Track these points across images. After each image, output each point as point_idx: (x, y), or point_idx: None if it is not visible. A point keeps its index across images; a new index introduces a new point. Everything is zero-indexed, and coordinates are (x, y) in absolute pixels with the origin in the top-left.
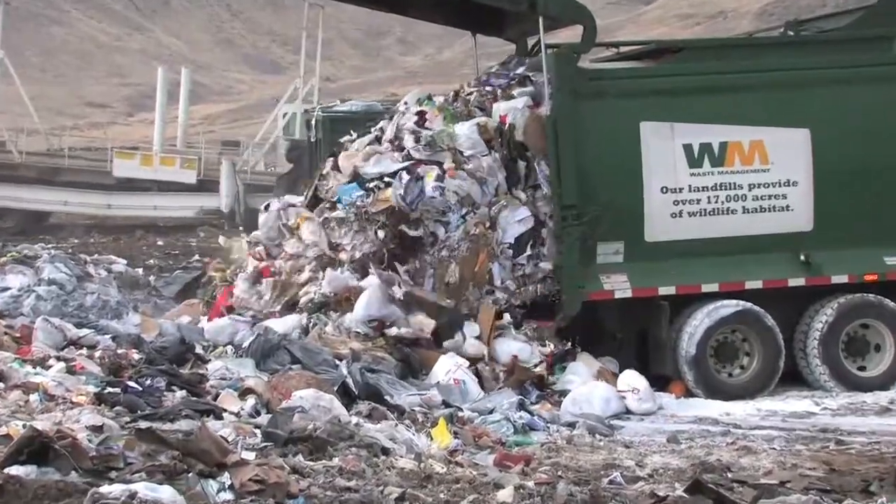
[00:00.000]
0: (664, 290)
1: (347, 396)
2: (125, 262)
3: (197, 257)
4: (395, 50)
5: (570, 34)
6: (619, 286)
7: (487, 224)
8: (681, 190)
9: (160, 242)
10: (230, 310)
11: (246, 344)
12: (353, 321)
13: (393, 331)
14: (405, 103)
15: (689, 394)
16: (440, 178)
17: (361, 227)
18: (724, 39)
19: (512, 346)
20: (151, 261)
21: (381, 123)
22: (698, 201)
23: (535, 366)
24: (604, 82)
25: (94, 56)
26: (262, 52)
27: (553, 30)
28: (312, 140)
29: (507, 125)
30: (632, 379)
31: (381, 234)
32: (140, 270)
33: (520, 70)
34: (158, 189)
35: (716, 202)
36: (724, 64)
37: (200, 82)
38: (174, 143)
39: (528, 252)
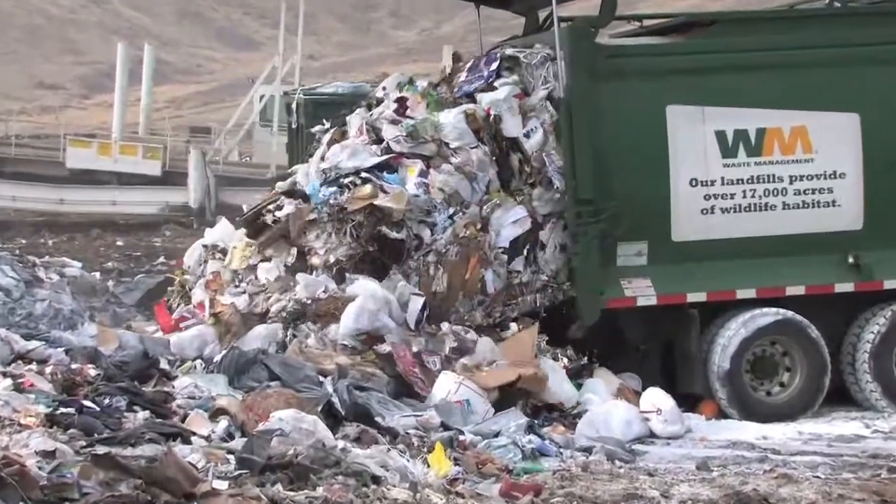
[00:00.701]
0: (693, 297)
1: (333, 418)
2: (80, 264)
3: (162, 259)
4: (386, 24)
5: (586, 6)
6: (643, 292)
7: (479, 225)
8: (712, 183)
9: (120, 243)
10: (179, 322)
11: (217, 358)
12: (341, 334)
13: (385, 346)
14: (384, 88)
15: (721, 414)
16: (424, 174)
17: (336, 229)
18: (761, 11)
19: (565, 388)
20: (110, 263)
21: (359, 111)
22: (732, 196)
23: (573, 408)
24: (625, 60)
25: (45, 31)
26: (236, 26)
27: (566, 1)
28: (293, 127)
29: (491, 117)
30: (656, 398)
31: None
32: (97, 274)
33: (493, 66)
34: (118, 182)
35: (752, 197)
36: (762, 39)
37: (165, 60)
38: (136, 130)
39: (525, 256)
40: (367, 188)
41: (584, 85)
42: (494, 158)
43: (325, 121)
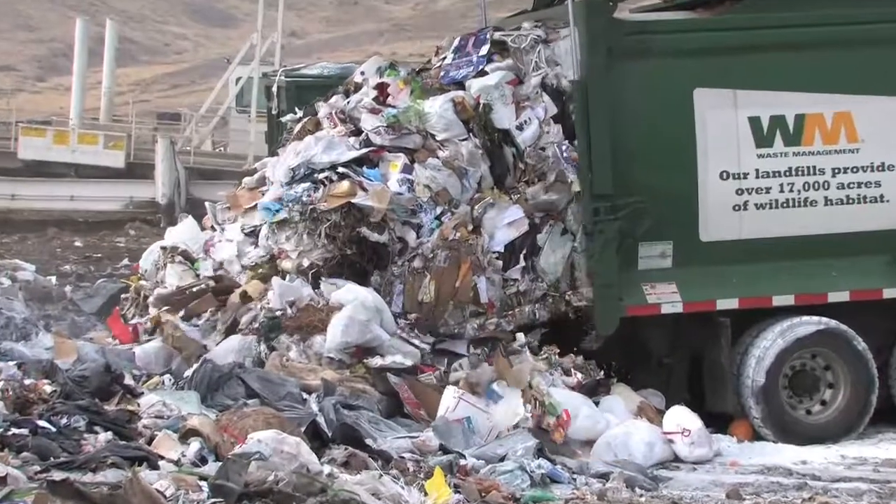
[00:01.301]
0: (724, 304)
1: (318, 439)
2: (34, 267)
3: (126, 262)
4: None
5: None
6: (667, 298)
7: (470, 227)
8: (746, 175)
9: (79, 243)
10: (137, 332)
11: (188, 373)
12: (327, 348)
13: (376, 360)
14: (362, 73)
15: (755, 436)
16: (408, 169)
17: (309, 229)
18: None
19: (600, 422)
20: (68, 266)
21: (335, 98)
22: (768, 190)
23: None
24: (647, 38)
25: None
26: (209, 0)
27: None
28: (273, 113)
29: (481, 106)
30: (682, 417)
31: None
32: (53, 279)
33: (484, 50)
34: (76, 175)
35: (790, 191)
36: (802, 14)
37: (130, 38)
38: (97, 117)
39: (522, 263)
40: (345, 185)
41: (601, 66)
42: (486, 152)
43: (297, 108)
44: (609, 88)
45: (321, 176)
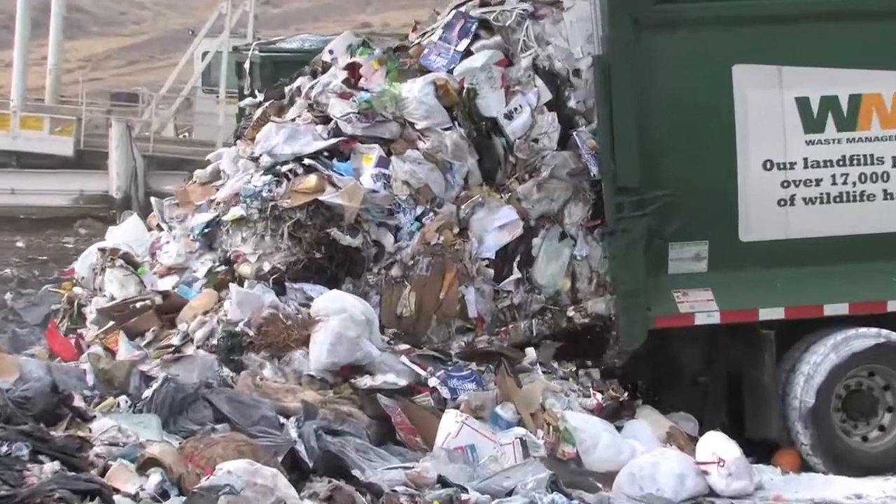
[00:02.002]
0: (768, 314)
1: (298, 470)
2: None
3: (75, 265)
4: None
5: None
6: (702, 307)
7: (455, 229)
8: (793, 165)
9: (20, 244)
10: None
11: (148, 393)
12: (311, 368)
13: (366, 380)
14: (331, 52)
15: (802, 466)
16: (384, 162)
17: (271, 229)
18: None
19: (623, 451)
20: (7, 270)
21: (301, 81)
22: (818, 182)
23: None
24: (679, 7)
25: None
26: None
27: None
28: (246, 93)
29: (465, 90)
30: (717, 445)
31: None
32: None
33: (463, 45)
34: (18, 164)
35: (844, 184)
36: None
37: (79, 7)
38: (41, 97)
39: (517, 274)
40: (312, 179)
41: (626, 40)
42: (474, 143)
43: (257, 91)
44: (635, 66)
45: (284, 169)
